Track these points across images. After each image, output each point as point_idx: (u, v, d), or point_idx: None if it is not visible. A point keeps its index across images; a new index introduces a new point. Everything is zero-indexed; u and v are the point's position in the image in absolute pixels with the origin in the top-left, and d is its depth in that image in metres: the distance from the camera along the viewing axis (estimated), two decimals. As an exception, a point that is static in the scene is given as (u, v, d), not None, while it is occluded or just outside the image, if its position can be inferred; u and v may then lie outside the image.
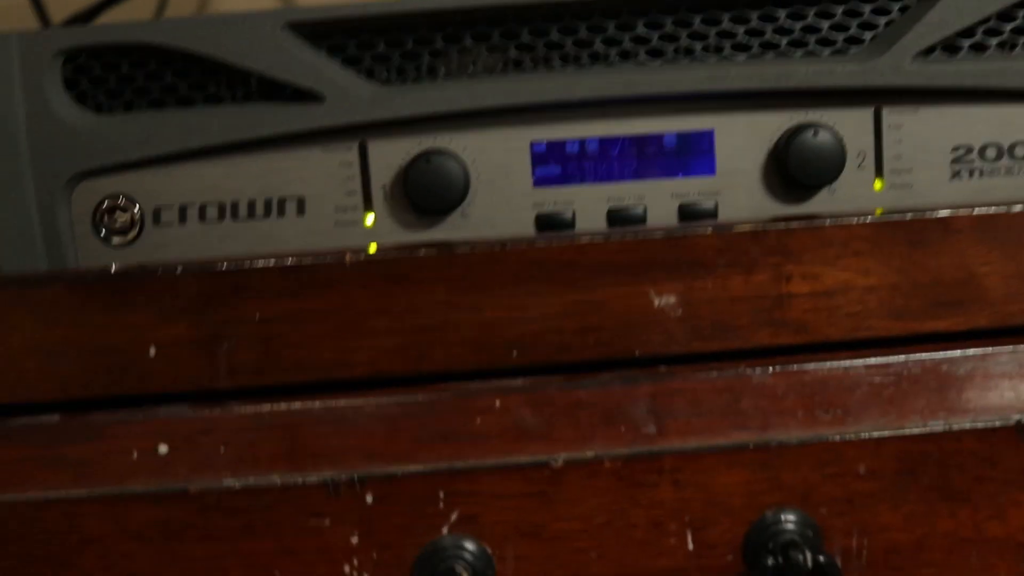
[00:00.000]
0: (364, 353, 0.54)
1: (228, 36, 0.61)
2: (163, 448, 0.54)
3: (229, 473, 0.54)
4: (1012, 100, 0.63)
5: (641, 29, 0.63)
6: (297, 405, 0.54)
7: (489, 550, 0.53)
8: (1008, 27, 0.63)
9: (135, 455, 0.54)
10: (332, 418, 0.54)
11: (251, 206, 0.63)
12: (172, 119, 0.62)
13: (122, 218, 0.63)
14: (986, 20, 0.63)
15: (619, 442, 0.54)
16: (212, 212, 0.63)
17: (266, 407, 0.54)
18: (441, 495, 0.53)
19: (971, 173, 0.64)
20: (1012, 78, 0.63)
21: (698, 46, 0.63)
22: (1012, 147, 0.64)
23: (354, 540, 0.53)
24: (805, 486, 0.54)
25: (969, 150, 0.64)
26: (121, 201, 0.63)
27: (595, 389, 0.54)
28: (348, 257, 0.54)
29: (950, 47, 0.63)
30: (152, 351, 0.54)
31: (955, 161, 0.64)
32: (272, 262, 0.54)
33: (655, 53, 0.63)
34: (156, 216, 0.63)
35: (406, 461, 0.54)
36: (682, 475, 0.53)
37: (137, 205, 0.63)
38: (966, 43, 0.63)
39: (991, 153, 0.64)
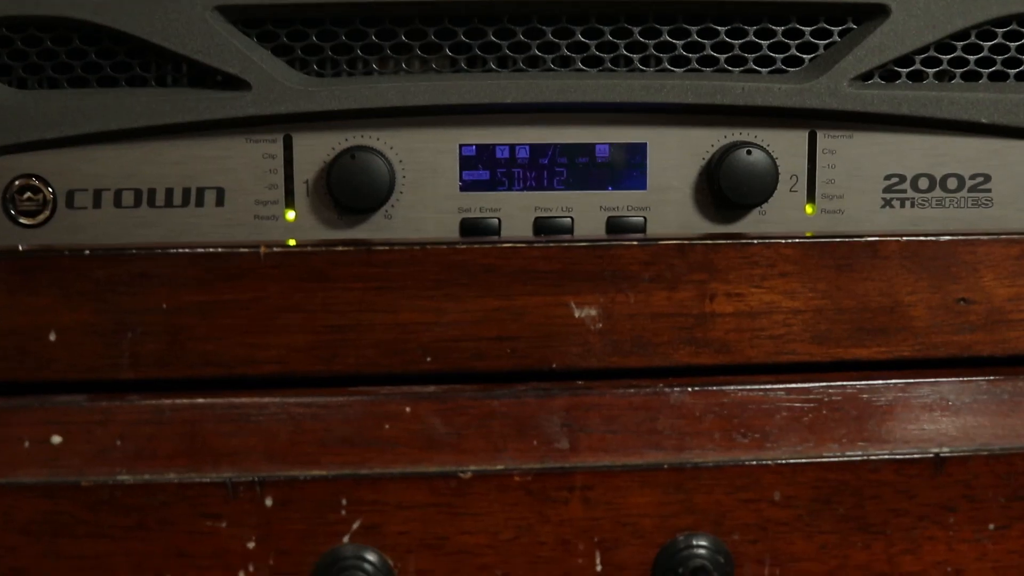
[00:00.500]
0: (273, 350, 0.52)
1: (154, 15, 0.59)
2: (56, 439, 0.51)
3: (124, 468, 0.51)
4: (946, 130, 0.63)
5: (579, 37, 0.62)
6: (200, 400, 0.52)
7: (391, 561, 0.51)
8: (946, 58, 0.63)
9: (26, 444, 0.51)
10: (235, 416, 0.52)
11: (169, 194, 0.61)
12: (93, 99, 0.60)
13: (34, 199, 0.61)
14: (924, 49, 0.63)
15: (530, 456, 0.52)
16: (128, 198, 0.61)
17: (167, 401, 0.52)
18: (344, 502, 0.51)
19: (902, 203, 0.64)
20: (947, 108, 0.62)
21: (636, 57, 0.62)
22: (944, 179, 0.64)
23: (251, 545, 0.51)
24: (718, 510, 0.53)
25: (901, 179, 0.63)
26: (34, 181, 0.61)
27: (509, 400, 0.52)
28: (263, 249, 0.52)
29: (888, 74, 0.63)
30: (52, 336, 0.52)
31: (887, 190, 0.63)
32: (183, 250, 0.52)
33: (592, 61, 0.62)
34: (69, 199, 0.61)
35: (309, 465, 0.52)
36: (593, 493, 0.52)
37: (50, 186, 0.61)
38: (904, 71, 0.63)
39: (923, 184, 0.63)
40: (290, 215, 0.62)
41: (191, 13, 0.59)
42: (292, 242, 0.55)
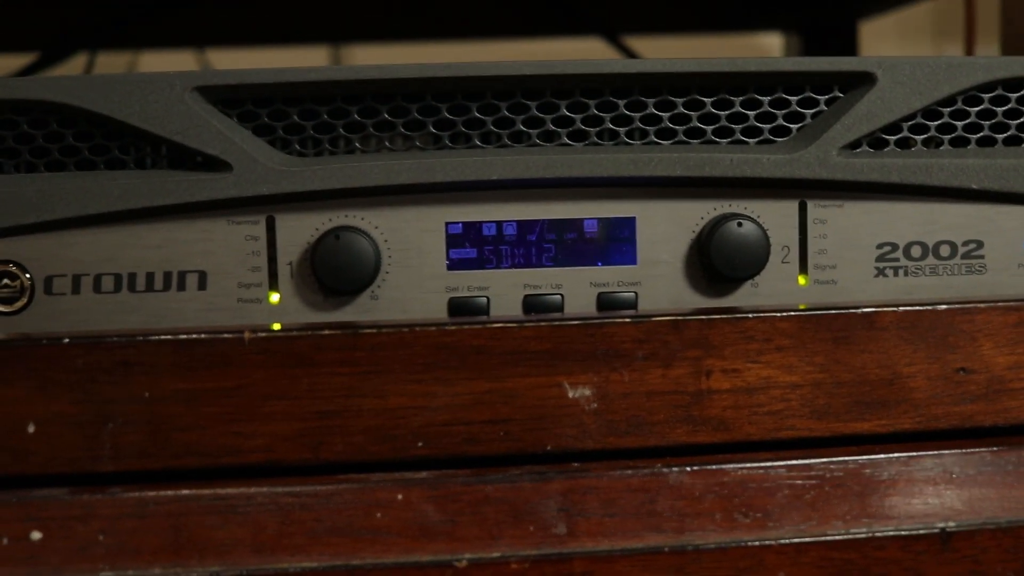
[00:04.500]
0: (259, 439, 0.51)
1: (132, 97, 0.58)
2: (36, 535, 0.50)
3: (106, 565, 0.50)
4: (937, 197, 0.62)
5: (564, 111, 0.61)
6: (184, 492, 0.50)
7: (384, 656, 0.50)
8: (933, 124, 0.63)
9: (5, 541, 0.50)
10: (221, 508, 0.50)
11: (150, 278, 0.60)
12: (71, 183, 0.59)
13: (11, 286, 0.60)
14: (912, 116, 0.62)
15: (527, 542, 0.51)
16: (108, 283, 0.60)
17: (150, 493, 0.50)
18: (335, 594, 0.50)
19: (896, 271, 0.63)
20: (937, 175, 0.62)
21: (622, 131, 0.61)
22: (937, 246, 0.63)
23: (239, 642, 0.50)
24: (721, 593, 0.51)
25: (894, 247, 0.63)
26: (11, 267, 0.59)
27: (503, 485, 0.51)
28: (247, 335, 0.51)
29: (876, 142, 0.62)
30: (31, 428, 0.50)
31: (880, 259, 0.63)
32: (165, 337, 0.51)
33: (578, 136, 0.61)
34: (48, 285, 0.60)
35: (299, 557, 0.50)
36: (593, 579, 0.51)
37: (28, 273, 0.59)
38: (892, 139, 0.62)
39: (916, 252, 0.63)
40: (274, 298, 0.60)
41: (170, 94, 0.58)
42: (277, 326, 0.53)
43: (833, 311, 0.53)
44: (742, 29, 1.42)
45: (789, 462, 0.52)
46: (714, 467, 0.52)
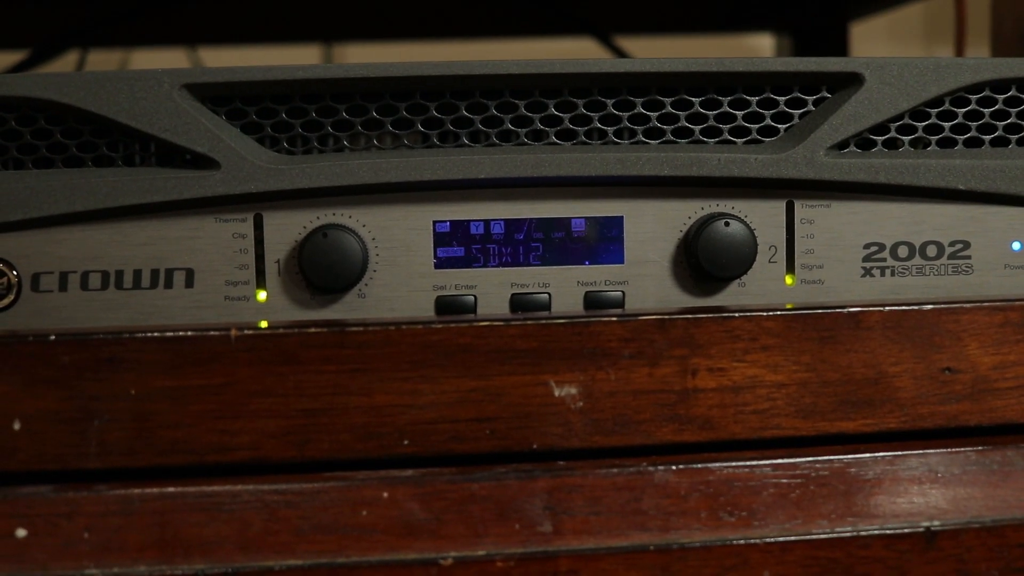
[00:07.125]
0: (245, 436, 0.51)
1: (120, 94, 0.58)
2: (21, 532, 0.50)
3: (92, 562, 0.50)
4: (923, 198, 0.63)
5: (552, 110, 0.61)
6: (170, 489, 0.50)
7: (369, 653, 0.50)
8: (921, 125, 0.63)
9: (-11, 539, 0.50)
10: (207, 505, 0.50)
11: (137, 276, 0.60)
12: (58, 180, 0.59)
13: (-2, 283, 0.60)
14: (899, 117, 0.62)
15: (512, 540, 0.51)
16: (95, 280, 0.60)
17: (136, 491, 0.50)
18: (320, 592, 0.50)
19: (882, 272, 0.63)
20: (924, 176, 0.62)
21: (610, 130, 0.62)
22: (923, 246, 0.63)
23: (223, 639, 0.50)
24: (706, 592, 0.51)
25: (881, 247, 0.63)
26: (-2, 265, 0.59)
27: (489, 483, 0.51)
28: (234, 332, 0.51)
29: (863, 142, 0.63)
30: (16, 425, 0.50)
31: (866, 259, 0.63)
32: (152, 334, 0.51)
33: (566, 135, 0.61)
34: (35, 282, 0.60)
35: (284, 554, 0.50)
36: (578, 577, 0.51)
37: (15, 270, 0.59)
38: (879, 139, 0.63)
39: (902, 252, 0.63)
40: (261, 296, 0.60)
41: (158, 91, 0.58)
42: (264, 324, 0.53)
43: (819, 310, 0.54)
44: (733, 30, 1.42)
45: (774, 461, 0.52)
46: (699, 466, 0.52)
